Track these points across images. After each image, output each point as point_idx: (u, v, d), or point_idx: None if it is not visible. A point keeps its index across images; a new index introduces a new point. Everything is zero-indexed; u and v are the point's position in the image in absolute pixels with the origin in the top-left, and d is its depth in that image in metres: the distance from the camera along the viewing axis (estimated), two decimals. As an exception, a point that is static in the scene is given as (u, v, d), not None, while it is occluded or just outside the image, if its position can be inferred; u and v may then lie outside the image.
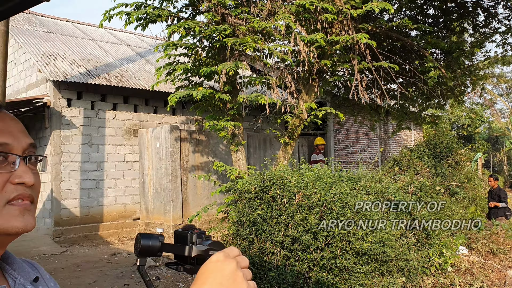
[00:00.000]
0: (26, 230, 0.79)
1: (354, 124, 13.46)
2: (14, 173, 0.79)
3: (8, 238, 0.80)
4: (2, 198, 0.77)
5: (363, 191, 5.35)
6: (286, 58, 6.78)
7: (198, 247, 1.00)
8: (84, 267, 7.22)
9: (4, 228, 0.77)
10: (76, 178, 9.54)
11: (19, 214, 0.78)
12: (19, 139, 0.83)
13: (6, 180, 0.78)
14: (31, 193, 0.81)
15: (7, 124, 0.83)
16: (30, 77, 10.54)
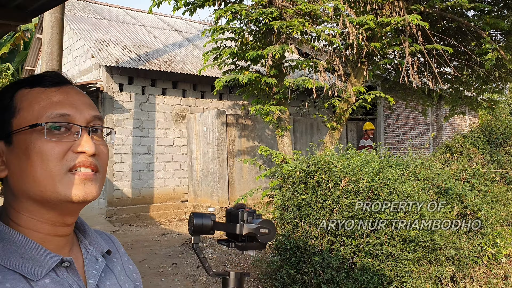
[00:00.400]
0: (87, 198, 0.82)
1: (405, 109, 13.05)
2: (75, 142, 0.82)
3: (73, 206, 0.83)
4: (63, 165, 0.80)
5: (412, 177, 5.20)
6: (335, 40, 6.64)
7: (249, 225, 1.03)
8: (135, 245, 7.51)
9: (65, 195, 0.80)
10: (128, 160, 9.89)
11: (79, 183, 0.81)
12: (82, 111, 0.85)
13: (67, 149, 0.81)
14: (93, 161, 0.83)
15: (70, 97, 0.86)
16: (84, 63, 10.95)
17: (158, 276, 5.73)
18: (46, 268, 0.80)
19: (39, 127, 0.80)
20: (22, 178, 0.81)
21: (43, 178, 0.80)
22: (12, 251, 0.79)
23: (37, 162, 0.80)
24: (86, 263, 0.89)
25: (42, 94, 0.84)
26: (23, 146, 0.81)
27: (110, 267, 0.95)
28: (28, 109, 0.83)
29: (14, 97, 0.85)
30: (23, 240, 0.81)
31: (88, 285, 0.85)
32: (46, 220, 0.84)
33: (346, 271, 4.43)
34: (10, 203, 0.85)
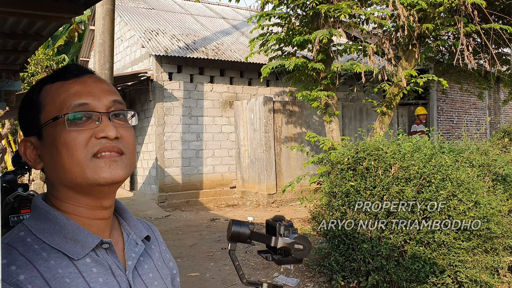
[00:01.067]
0: (114, 180, 0.86)
1: (459, 92, 12.50)
2: (96, 129, 0.86)
3: (104, 189, 0.87)
4: (87, 152, 0.85)
5: (467, 163, 4.99)
6: (384, 23, 6.43)
7: (284, 239, 1.04)
8: (186, 230, 7.71)
9: (93, 179, 0.85)
10: (177, 147, 10.12)
11: (105, 166, 0.85)
12: (100, 97, 0.89)
13: (90, 136, 0.85)
14: (116, 144, 0.87)
15: (88, 86, 0.90)
16: (135, 53, 11.25)
17: (207, 260, 5.86)
18: (87, 248, 0.85)
19: (60, 119, 0.85)
20: (55, 168, 0.87)
21: (72, 166, 0.84)
22: (56, 231, 0.85)
23: (64, 152, 0.84)
24: (126, 246, 0.94)
25: (61, 88, 0.89)
26: (51, 138, 0.86)
27: (148, 253, 1.00)
28: (50, 103, 0.88)
29: (40, 93, 0.90)
30: (67, 221, 0.87)
31: (126, 266, 0.91)
32: (84, 205, 0.89)
33: (396, 259, 4.34)
34: (50, 191, 0.91)
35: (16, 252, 0.81)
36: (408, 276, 4.29)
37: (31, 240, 0.84)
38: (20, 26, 3.69)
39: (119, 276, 0.88)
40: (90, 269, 0.85)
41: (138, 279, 0.92)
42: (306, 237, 1.04)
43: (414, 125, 10.60)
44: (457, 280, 4.29)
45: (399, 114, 12.10)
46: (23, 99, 0.93)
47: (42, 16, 2.97)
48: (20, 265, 0.79)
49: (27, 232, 0.85)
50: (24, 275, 0.78)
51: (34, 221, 0.87)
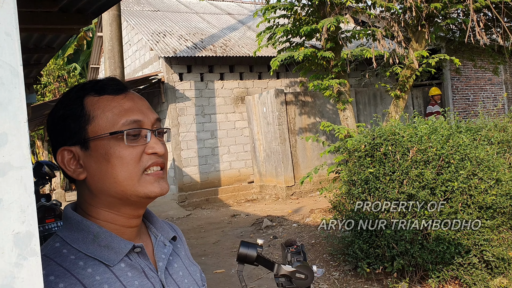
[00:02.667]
0: (162, 193, 0.92)
1: (473, 69, 12.29)
2: (147, 145, 0.91)
3: (149, 201, 0.93)
4: (140, 167, 0.90)
5: (485, 141, 4.93)
6: (391, 6, 6.36)
7: (286, 267, 1.06)
8: (208, 228, 7.78)
9: (145, 193, 0.90)
10: (193, 146, 10.18)
11: (154, 181, 0.91)
12: (147, 115, 0.94)
13: (141, 152, 0.90)
14: (162, 160, 0.93)
15: (137, 103, 0.94)
16: (144, 56, 11.32)
17: (231, 256, 5.91)
18: (120, 254, 0.89)
19: (119, 134, 0.89)
20: (103, 180, 0.89)
21: (123, 180, 0.89)
22: (90, 240, 0.89)
23: (118, 165, 0.88)
24: (156, 248, 0.99)
25: (112, 102, 0.92)
26: (102, 151, 0.89)
27: (176, 252, 1.04)
28: (101, 116, 0.90)
29: (84, 104, 0.91)
30: (99, 229, 0.90)
31: (158, 268, 0.95)
32: (122, 214, 0.93)
33: (420, 242, 4.32)
34: (86, 200, 0.93)
35: (54, 263, 0.84)
36: (434, 258, 4.27)
37: (66, 251, 0.87)
38: (32, 40, 3.76)
39: (152, 278, 0.92)
40: (126, 273, 0.88)
41: (170, 278, 0.96)
42: (308, 267, 1.06)
43: (429, 106, 10.48)
44: (483, 259, 4.25)
45: (413, 96, 11.97)
46: (58, 109, 0.94)
47: (52, 29, 3.02)
48: (58, 275, 0.82)
49: (62, 243, 0.89)
50: (63, 283, 0.82)
51: (67, 231, 0.90)
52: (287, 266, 1.06)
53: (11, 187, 0.57)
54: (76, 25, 2.89)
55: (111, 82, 0.95)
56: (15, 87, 0.60)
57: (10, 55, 0.60)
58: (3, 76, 0.59)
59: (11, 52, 0.60)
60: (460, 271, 4.25)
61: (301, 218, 7.37)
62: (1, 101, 0.58)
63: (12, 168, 0.58)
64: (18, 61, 0.61)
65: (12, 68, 0.60)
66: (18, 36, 0.61)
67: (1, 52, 0.59)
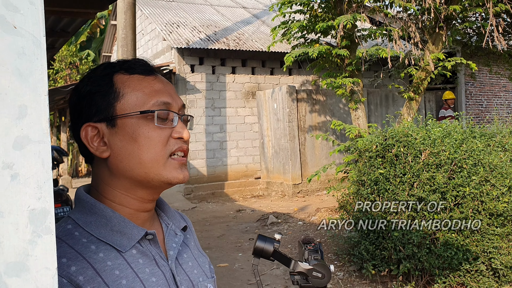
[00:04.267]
0: (184, 180, 0.90)
1: (488, 75, 12.15)
2: (174, 129, 0.89)
3: (168, 186, 0.90)
4: (166, 151, 0.88)
5: (499, 148, 4.85)
6: (409, 6, 6.28)
7: (303, 264, 1.03)
8: (213, 221, 7.77)
9: (167, 178, 0.88)
10: (202, 139, 10.17)
11: (178, 167, 0.89)
12: (176, 99, 0.92)
13: (169, 135, 0.88)
14: (187, 146, 0.92)
15: (166, 86, 0.92)
16: (157, 46, 11.31)
17: (236, 251, 5.89)
18: (133, 240, 0.87)
19: (148, 114, 0.86)
20: (128, 160, 0.87)
21: (149, 161, 0.86)
22: (103, 224, 0.87)
23: (145, 146, 0.86)
24: (167, 237, 0.96)
25: (143, 82, 0.90)
26: (130, 130, 0.86)
27: (185, 242, 1.02)
28: (131, 94, 0.88)
29: (113, 81, 0.89)
30: (112, 214, 0.88)
31: (168, 256, 0.93)
32: (138, 197, 0.91)
33: (428, 247, 4.27)
34: (104, 180, 0.91)
35: (66, 245, 0.82)
36: (441, 263, 4.22)
37: (78, 233, 0.85)
38: (47, 24, 3.74)
39: (162, 266, 0.90)
40: (137, 260, 0.86)
41: (179, 268, 0.94)
42: (326, 266, 1.03)
43: (442, 110, 10.36)
44: (491, 267, 4.20)
45: (426, 99, 11.86)
46: (85, 85, 0.91)
47: (68, 13, 2.99)
48: (70, 258, 0.80)
49: (74, 225, 0.86)
50: (75, 266, 0.80)
51: (80, 214, 0.88)
52: (304, 263, 1.03)
53: (29, 162, 0.55)
54: (92, 9, 2.87)
55: (141, 62, 0.94)
56: (37, 58, 0.57)
57: (34, 24, 0.57)
58: (25, 46, 0.56)
59: (34, 22, 0.57)
60: (467, 278, 4.20)
61: (307, 216, 7.33)
62: (22, 71, 0.56)
63: (30, 142, 0.55)
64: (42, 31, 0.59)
65: (35, 39, 0.57)
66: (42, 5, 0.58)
67: (24, 21, 0.56)
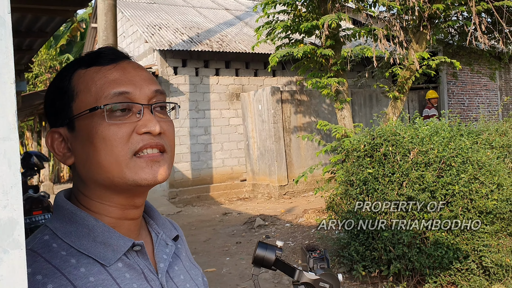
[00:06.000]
0: (156, 181, 0.78)
1: (470, 74, 12.29)
2: (138, 123, 0.77)
3: (141, 189, 0.80)
4: (128, 149, 0.76)
5: (486, 145, 4.86)
6: (393, 5, 6.27)
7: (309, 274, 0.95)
8: (198, 225, 7.64)
9: (134, 180, 0.76)
10: (186, 142, 10.03)
11: (146, 166, 0.77)
12: (141, 87, 0.80)
13: (131, 131, 0.77)
14: (159, 141, 0.79)
15: (128, 73, 0.80)
16: (139, 48, 11.14)
17: (223, 255, 5.78)
18: (118, 252, 0.77)
19: (98, 110, 0.76)
20: (88, 165, 0.77)
21: (109, 164, 0.76)
22: (84, 234, 0.76)
23: (101, 147, 0.75)
24: (156, 247, 0.87)
25: (98, 74, 0.79)
26: (85, 131, 0.77)
27: (176, 253, 0.92)
28: (85, 91, 0.78)
29: (71, 79, 0.80)
30: (95, 223, 0.78)
31: (158, 269, 0.83)
32: (115, 204, 0.80)
33: (418, 246, 4.24)
34: (79, 188, 0.81)
35: (41, 259, 0.72)
36: (431, 263, 4.18)
37: (57, 245, 0.74)
38: (24, 23, 3.59)
39: (152, 281, 0.80)
40: (123, 275, 0.76)
41: (170, 282, 0.85)
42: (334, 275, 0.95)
43: (425, 109, 10.44)
44: (482, 265, 4.18)
45: (409, 98, 11.93)
46: (50, 85, 0.82)
47: (46, 11, 2.87)
48: (47, 274, 0.70)
49: (52, 236, 0.76)
50: (52, 284, 0.69)
51: (59, 223, 0.77)
52: (310, 273, 0.94)
53: (-9, 163, 0.44)
54: (71, 7, 2.74)
55: (105, 52, 0.83)
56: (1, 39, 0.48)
57: (-4, -1, 0.48)
58: (-15, 24, 0.47)
59: (-4, -4, 0.48)
60: (457, 277, 4.18)
61: (294, 218, 7.26)
62: (-18, 54, 0.46)
63: (-7, 139, 0.45)
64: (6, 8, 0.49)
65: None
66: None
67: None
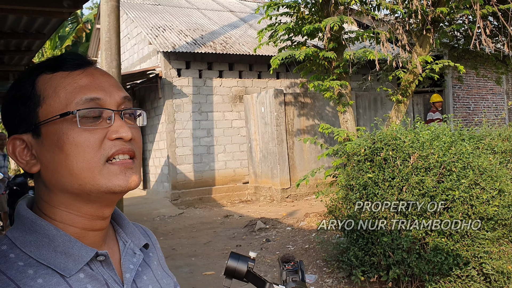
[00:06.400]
0: (129, 187, 0.77)
1: (475, 78, 12.19)
2: (109, 129, 0.76)
3: (114, 197, 0.78)
4: (101, 156, 0.75)
5: (488, 150, 4.80)
6: (397, 8, 6.22)
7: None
8: (199, 228, 7.61)
9: (107, 187, 0.75)
10: (189, 144, 10.01)
11: (120, 173, 0.76)
12: (111, 93, 0.79)
13: (103, 137, 0.75)
14: (131, 147, 0.77)
15: (97, 79, 0.79)
16: (143, 50, 11.15)
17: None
18: (80, 262, 0.74)
19: (70, 116, 0.74)
20: (57, 172, 0.75)
21: (81, 171, 0.74)
22: (44, 243, 0.74)
23: (73, 154, 0.74)
24: (123, 257, 0.84)
25: (66, 79, 0.77)
26: (54, 137, 0.74)
27: (146, 262, 0.90)
28: (53, 96, 0.76)
29: (36, 84, 0.77)
30: (56, 232, 0.75)
31: (124, 280, 0.81)
32: (83, 214, 0.78)
33: (417, 252, 4.18)
34: (42, 197, 0.79)
35: None
36: (431, 269, 4.12)
37: (14, 255, 0.72)
38: (21, 25, 3.59)
39: None
40: (85, 286, 0.74)
41: None
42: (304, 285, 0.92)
43: (430, 113, 10.35)
44: (482, 272, 4.11)
45: (414, 102, 11.85)
46: (10, 90, 0.80)
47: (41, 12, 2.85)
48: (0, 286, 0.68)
49: (10, 246, 0.73)
50: None
51: (18, 232, 0.75)
52: (280, 287, 0.91)
53: None
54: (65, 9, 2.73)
55: (70, 57, 0.80)
56: None
57: None
58: None
59: None
60: (457, 283, 4.11)
61: (295, 222, 7.21)
62: None
63: None
64: None
65: None
66: None
67: None
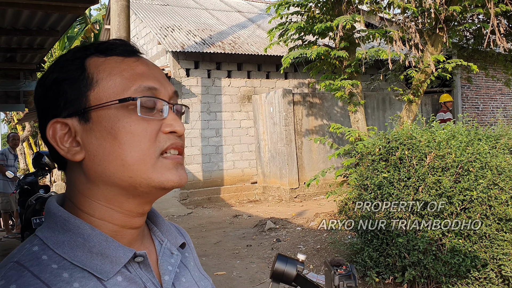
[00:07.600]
0: (180, 184, 0.72)
1: (485, 78, 12.08)
2: (164, 121, 0.71)
3: (161, 192, 0.73)
4: (156, 148, 0.70)
5: (505, 150, 4.72)
6: (409, 6, 6.15)
7: None
8: (209, 227, 7.57)
9: (160, 181, 0.70)
10: (197, 144, 9.99)
11: (173, 168, 0.71)
12: (165, 85, 0.75)
13: (158, 129, 0.71)
14: (182, 143, 0.74)
15: (152, 69, 0.74)
16: (152, 50, 11.14)
17: (233, 258, 5.70)
18: (117, 264, 0.69)
19: (129, 102, 0.69)
20: (107, 162, 0.69)
21: (134, 162, 0.68)
22: (79, 244, 0.68)
23: (128, 143, 0.68)
24: (160, 257, 0.78)
25: (122, 64, 0.72)
26: (108, 124, 0.69)
27: (184, 262, 0.83)
28: (108, 80, 0.70)
29: (85, 66, 0.71)
30: (91, 231, 0.69)
31: (163, 282, 0.74)
32: (123, 210, 0.72)
33: (434, 253, 4.12)
34: (80, 190, 0.72)
35: (29, 274, 0.63)
36: (448, 270, 4.06)
37: (47, 257, 0.65)
38: (35, 21, 3.56)
39: None
40: None
41: None
42: None
43: (440, 113, 10.24)
44: (501, 274, 4.04)
45: (422, 102, 11.76)
46: (50, 72, 0.73)
47: (56, 7, 2.82)
48: None
49: (41, 247, 0.67)
50: None
51: (50, 231, 0.69)
52: None
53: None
54: (81, 3, 2.69)
55: (121, 43, 0.75)
56: None
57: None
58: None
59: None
60: (475, 286, 4.05)
61: (305, 222, 7.15)
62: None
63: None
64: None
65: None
66: None
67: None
